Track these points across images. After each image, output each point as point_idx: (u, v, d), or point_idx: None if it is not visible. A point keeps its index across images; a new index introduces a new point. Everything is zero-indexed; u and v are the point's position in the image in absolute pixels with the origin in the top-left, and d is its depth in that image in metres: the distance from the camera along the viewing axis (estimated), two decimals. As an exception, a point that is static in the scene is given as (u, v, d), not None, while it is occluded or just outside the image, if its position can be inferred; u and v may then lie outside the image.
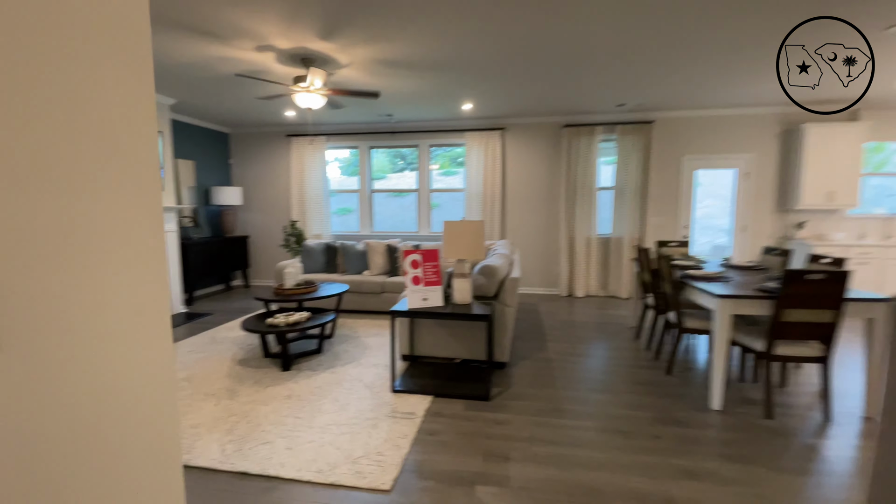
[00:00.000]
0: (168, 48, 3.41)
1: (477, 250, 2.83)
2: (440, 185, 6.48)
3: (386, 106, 5.31)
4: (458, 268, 2.90)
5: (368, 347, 3.82)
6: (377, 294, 4.89)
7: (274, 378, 3.16)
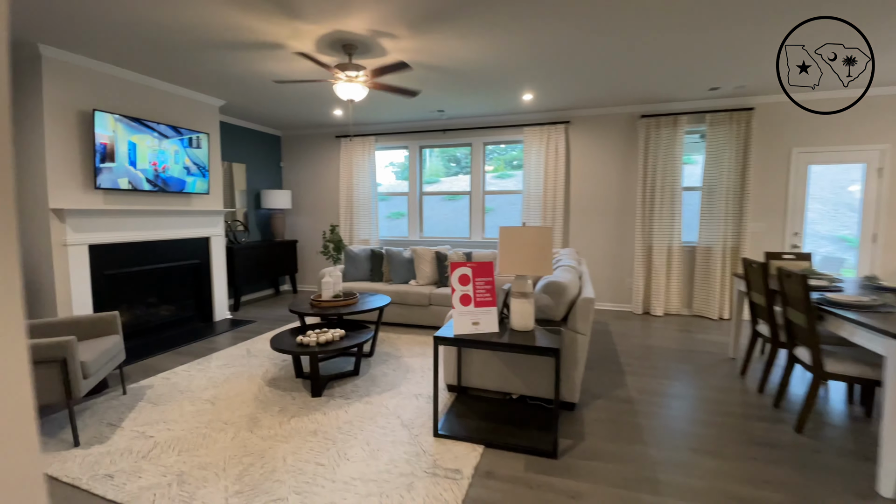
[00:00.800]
0: (208, 39, 3.16)
1: (542, 264, 2.24)
2: (495, 188, 5.91)
3: (436, 101, 4.86)
4: (518, 285, 2.33)
5: (410, 370, 3.33)
6: (424, 307, 4.42)
7: (302, 405, 2.76)
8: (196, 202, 4.66)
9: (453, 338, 2.27)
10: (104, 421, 2.55)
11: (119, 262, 3.91)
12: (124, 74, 3.83)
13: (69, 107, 3.45)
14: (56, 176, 3.39)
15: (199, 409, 2.72)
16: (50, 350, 2.21)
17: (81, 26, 2.95)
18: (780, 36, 3.12)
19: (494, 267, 2.53)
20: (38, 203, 3.38)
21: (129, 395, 2.93)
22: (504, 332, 2.36)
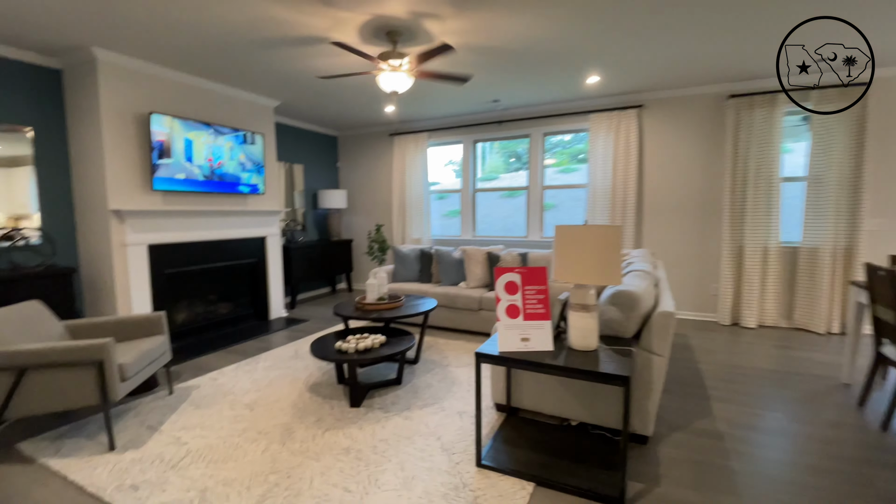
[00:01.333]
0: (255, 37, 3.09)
1: (608, 271, 1.84)
2: (558, 183, 5.44)
3: (490, 89, 4.51)
4: (578, 296, 1.95)
5: (456, 382, 3.04)
6: (473, 311, 4.11)
7: (339, 416, 2.57)
8: (252, 202, 4.72)
9: (498, 356, 1.94)
10: (145, 423, 2.53)
11: (178, 262, 4.01)
12: (179, 77, 3.91)
13: (126, 110, 3.56)
14: (115, 178, 3.51)
15: (237, 414, 2.63)
16: (86, 352, 2.19)
17: (133, 29, 2.99)
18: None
19: (548, 273, 2.16)
20: (99, 205, 3.53)
21: (175, 395, 2.93)
22: (560, 351, 1.99)
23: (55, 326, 2.62)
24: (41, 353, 2.15)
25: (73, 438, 2.36)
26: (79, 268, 3.75)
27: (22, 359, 2.13)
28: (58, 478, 2.04)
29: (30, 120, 3.42)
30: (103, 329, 2.75)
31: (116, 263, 3.54)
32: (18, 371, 2.13)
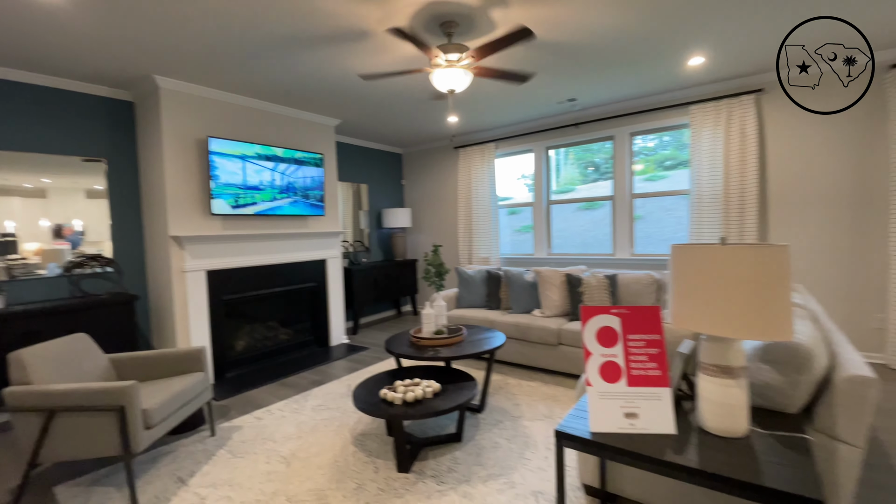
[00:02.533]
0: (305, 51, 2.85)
1: (773, 319, 1.16)
2: (646, 190, 4.61)
3: (564, 88, 3.90)
4: (715, 352, 1.28)
5: (530, 444, 2.42)
6: (551, 346, 3.45)
7: (382, 485, 2.09)
8: (312, 224, 4.54)
9: (590, 440, 1.33)
10: (175, 473, 2.25)
11: (236, 288, 3.89)
12: (236, 100, 3.84)
13: (186, 135, 3.52)
14: (175, 203, 3.46)
15: (271, 470, 2.27)
16: (107, 396, 1.95)
17: (188, 54, 2.89)
18: None
19: (663, 316, 1.51)
20: (161, 231, 3.49)
21: (216, 437, 2.66)
22: (687, 434, 1.32)
23: (100, 361, 2.48)
24: (67, 395, 1.95)
25: (105, 487, 2.15)
26: (148, 295, 3.76)
27: (51, 400, 1.95)
28: (66, 545, 1.78)
29: (104, 152, 3.50)
30: (144, 364, 2.58)
31: (176, 290, 3.46)
32: (49, 413, 1.95)
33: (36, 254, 3.20)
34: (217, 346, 3.73)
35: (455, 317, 4.03)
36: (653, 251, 4.55)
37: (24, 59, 2.91)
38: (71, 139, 3.33)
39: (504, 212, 5.64)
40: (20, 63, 2.96)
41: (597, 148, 4.93)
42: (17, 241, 3.14)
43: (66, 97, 3.31)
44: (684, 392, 1.61)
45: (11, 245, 3.11)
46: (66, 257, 3.32)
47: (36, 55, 2.85)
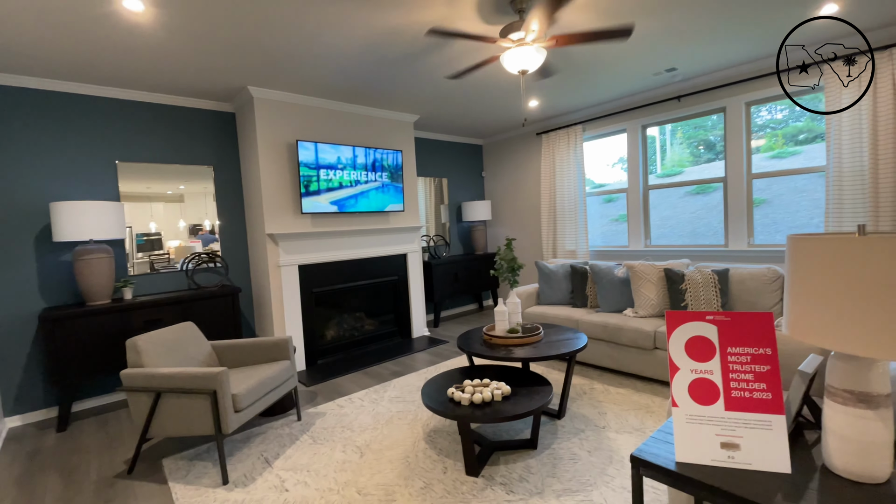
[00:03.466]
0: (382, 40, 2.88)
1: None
2: (773, 168, 3.90)
3: (662, 55, 3.43)
4: (849, 375, 0.97)
5: (615, 459, 2.16)
6: (645, 351, 3.08)
7: (450, 487, 2.02)
8: (393, 220, 4.65)
9: (675, 472, 1.09)
10: (263, 454, 2.43)
11: (325, 280, 4.13)
12: (321, 104, 4.03)
13: (277, 140, 3.79)
14: (270, 204, 3.75)
15: (346, 459, 2.33)
16: (201, 381, 2.15)
17: (277, 64, 3.09)
18: None
19: (777, 325, 1.20)
20: (259, 229, 3.82)
21: (301, 422, 2.83)
22: (808, 475, 1.02)
23: (204, 347, 2.77)
24: (170, 378, 2.20)
25: (204, 462, 2.39)
26: (251, 287, 4.16)
27: (157, 381, 2.22)
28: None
29: (212, 159, 3.93)
30: (239, 351, 2.82)
31: (273, 283, 3.77)
32: (156, 394, 2.22)
33: (174, 251, 3.73)
34: (308, 334, 4.00)
35: (534, 314, 3.82)
36: (780, 241, 3.84)
37: (146, 83, 3.35)
38: (185, 150, 3.79)
39: (596, 200, 5.21)
40: (144, 86, 3.42)
41: (711, 124, 4.29)
42: (162, 239, 3.68)
43: (180, 113, 3.77)
44: (806, 419, 1.27)
45: (157, 242, 3.66)
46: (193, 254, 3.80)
47: (153, 78, 3.26)
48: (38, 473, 2.39)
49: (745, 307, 3.03)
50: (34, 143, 3.14)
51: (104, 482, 2.27)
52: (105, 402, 3.40)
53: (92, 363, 3.00)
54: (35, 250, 3.15)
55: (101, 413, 3.21)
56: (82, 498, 2.14)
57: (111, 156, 3.45)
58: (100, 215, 3.00)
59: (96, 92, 3.34)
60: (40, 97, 3.16)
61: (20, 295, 3.09)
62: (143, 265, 3.59)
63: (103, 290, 3.12)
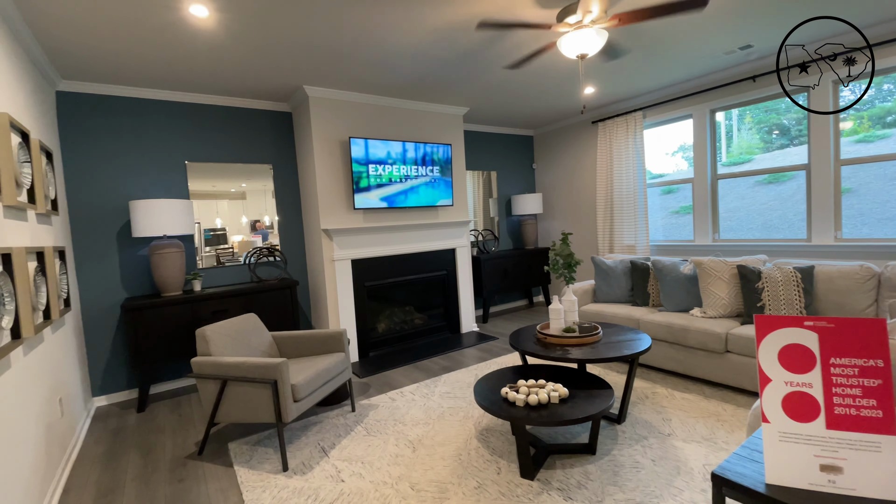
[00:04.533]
0: (415, 34, 2.86)
1: None
2: (857, 154, 3.47)
3: (736, 32, 3.13)
4: None
5: (682, 470, 2.01)
6: (716, 354, 2.85)
7: (503, 488, 1.97)
8: (442, 214, 4.63)
9: (765, 495, 0.97)
10: (320, 444, 2.50)
11: (376, 275, 4.19)
12: (373, 100, 4.07)
13: (331, 138, 3.87)
14: (325, 200, 3.85)
15: (399, 453, 2.35)
16: (263, 371, 2.24)
17: (331, 63, 3.14)
18: None
19: (890, 333, 1.04)
20: (315, 225, 3.94)
21: (356, 413, 2.90)
22: (939, 513, 0.87)
23: (265, 338, 2.90)
24: (235, 367, 2.31)
25: (266, 448, 2.50)
26: (308, 281, 4.31)
27: (223, 370, 2.34)
28: (236, 492, 2.11)
29: (270, 158, 4.09)
30: (297, 343, 2.92)
31: (328, 277, 3.88)
32: (223, 381, 2.34)
33: (237, 245, 3.95)
34: (361, 327, 4.09)
35: (590, 312, 3.66)
36: (869, 234, 3.42)
37: (209, 86, 3.54)
38: (246, 149, 3.97)
39: (655, 192, 4.91)
40: (208, 89, 3.61)
41: (784, 107, 3.89)
42: (227, 234, 3.90)
43: (241, 114, 3.95)
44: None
45: (222, 237, 3.89)
46: (255, 248, 4.01)
47: (216, 81, 3.43)
48: (121, 450, 2.61)
49: (832, 309, 2.72)
50: (114, 145, 3.42)
51: (177, 462, 2.43)
52: (179, 386, 3.67)
53: (166, 349, 3.23)
54: (118, 245, 3.44)
55: (175, 396, 3.46)
56: (158, 475, 2.30)
57: (181, 156, 3.68)
58: (172, 212, 3.22)
59: (166, 97, 3.57)
60: (118, 103, 3.42)
61: (106, 287, 3.39)
62: (210, 259, 3.82)
63: (176, 282, 3.35)
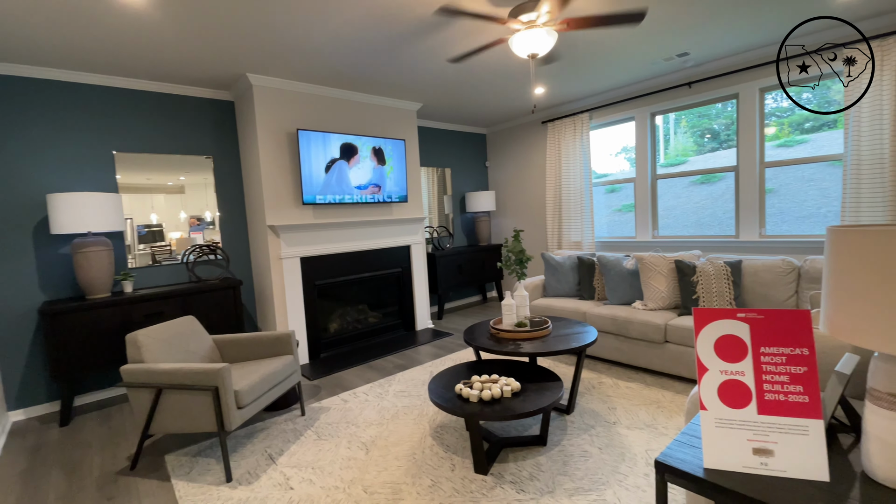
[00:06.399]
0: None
1: None
2: (779, 157, 3.79)
3: (674, 40, 3.31)
4: (891, 376, 0.90)
5: (627, 456, 2.11)
6: (655, 344, 3.02)
7: (458, 485, 1.97)
8: (395, 211, 4.57)
9: (703, 479, 1.03)
10: (267, 451, 2.39)
11: (327, 273, 4.06)
12: (322, 91, 3.93)
13: (278, 129, 3.70)
14: (272, 195, 3.67)
15: (351, 455, 2.29)
16: (203, 377, 2.10)
17: (277, 50, 2.98)
18: None
19: (814, 321, 1.13)
20: (260, 221, 3.74)
21: (305, 416, 2.79)
22: (847, 484, 0.96)
23: (205, 342, 2.72)
24: (171, 374, 2.15)
25: (207, 459, 2.35)
26: (253, 280, 4.10)
27: (158, 377, 2.16)
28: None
29: (210, 149, 3.84)
30: (241, 346, 2.77)
31: (274, 276, 3.71)
32: (157, 389, 2.16)
33: (175, 243, 3.67)
34: (311, 328, 3.95)
35: (541, 307, 3.76)
36: (788, 231, 3.76)
37: (142, 70, 3.25)
38: (182, 139, 3.70)
39: (600, 191, 5.12)
40: (140, 73, 3.32)
41: (715, 113, 4.18)
42: (164, 230, 3.62)
43: (178, 101, 3.67)
44: (839, 422, 1.21)
45: (158, 234, 3.60)
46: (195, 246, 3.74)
47: (150, 65, 3.16)
48: (42, 469, 2.36)
49: (758, 300, 2.96)
50: (30, 132, 3.06)
51: (107, 478, 2.23)
52: (108, 396, 3.37)
53: (92, 357, 2.95)
54: (33, 243, 3.09)
55: (103, 407, 3.18)
56: (85, 495, 2.10)
57: (109, 146, 3.37)
58: (97, 207, 2.93)
59: (92, 80, 3.25)
60: (35, 86, 3.07)
61: (20, 289, 3.04)
62: (144, 257, 3.53)
63: (103, 284, 3.06)
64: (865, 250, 0.90)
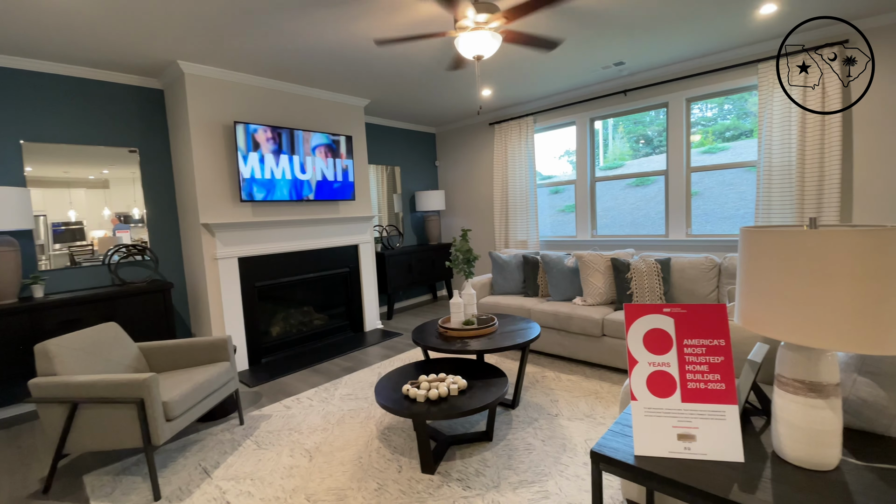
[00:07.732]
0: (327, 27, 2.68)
1: (887, 326, 0.87)
2: (703, 163, 4.12)
3: (611, 50, 3.49)
4: (800, 365, 1.00)
5: (568, 447, 2.20)
6: (594, 338, 3.17)
7: (405, 486, 1.96)
8: (343, 209, 4.45)
9: (634, 466, 1.09)
10: (201, 464, 2.24)
11: (269, 274, 3.88)
12: (262, 83, 3.75)
13: (212, 121, 3.48)
14: (204, 191, 3.45)
15: (294, 464, 2.20)
16: (127, 388, 1.93)
17: (210, 35, 2.80)
18: None
19: (730, 314, 1.23)
20: (193, 219, 3.51)
21: (244, 426, 2.65)
22: (760, 464, 1.06)
23: (130, 350, 2.50)
24: (88, 386, 1.95)
25: (132, 477, 2.16)
26: (185, 283, 3.83)
27: (73, 391, 1.96)
28: (91, 535, 1.79)
29: (136, 141, 3.54)
30: (171, 354, 2.58)
31: (209, 277, 3.49)
32: (73, 404, 1.96)
33: (98, 242, 3.33)
34: (251, 332, 3.76)
35: (488, 305, 3.83)
36: (711, 231, 4.09)
37: (57, 52, 2.93)
38: (105, 130, 3.38)
39: (545, 192, 5.29)
40: (55, 56, 2.99)
41: (649, 120, 4.46)
42: (85, 229, 3.28)
43: (99, 88, 3.35)
44: (753, 406, 1.33)
45: (78, 232, 3.25)
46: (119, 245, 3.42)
47: (66, 47, 2.86)
48: (-75, 503, 2.06)
49: (684, 294, 3.19)
50: None
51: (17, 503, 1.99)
52: (15, 414, 3.01)
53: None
54: (-86, 243, 2.69)
55: (12, 425, 2.83)
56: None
57: (15, 135, 3.00)
58: (0, 202, 2.61)
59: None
60: (-85, 62, 2.67)
61: None
62: (61, 258, 3.19)
63: (8, 288, 2.73)
64: (773, 249, 0.99)
